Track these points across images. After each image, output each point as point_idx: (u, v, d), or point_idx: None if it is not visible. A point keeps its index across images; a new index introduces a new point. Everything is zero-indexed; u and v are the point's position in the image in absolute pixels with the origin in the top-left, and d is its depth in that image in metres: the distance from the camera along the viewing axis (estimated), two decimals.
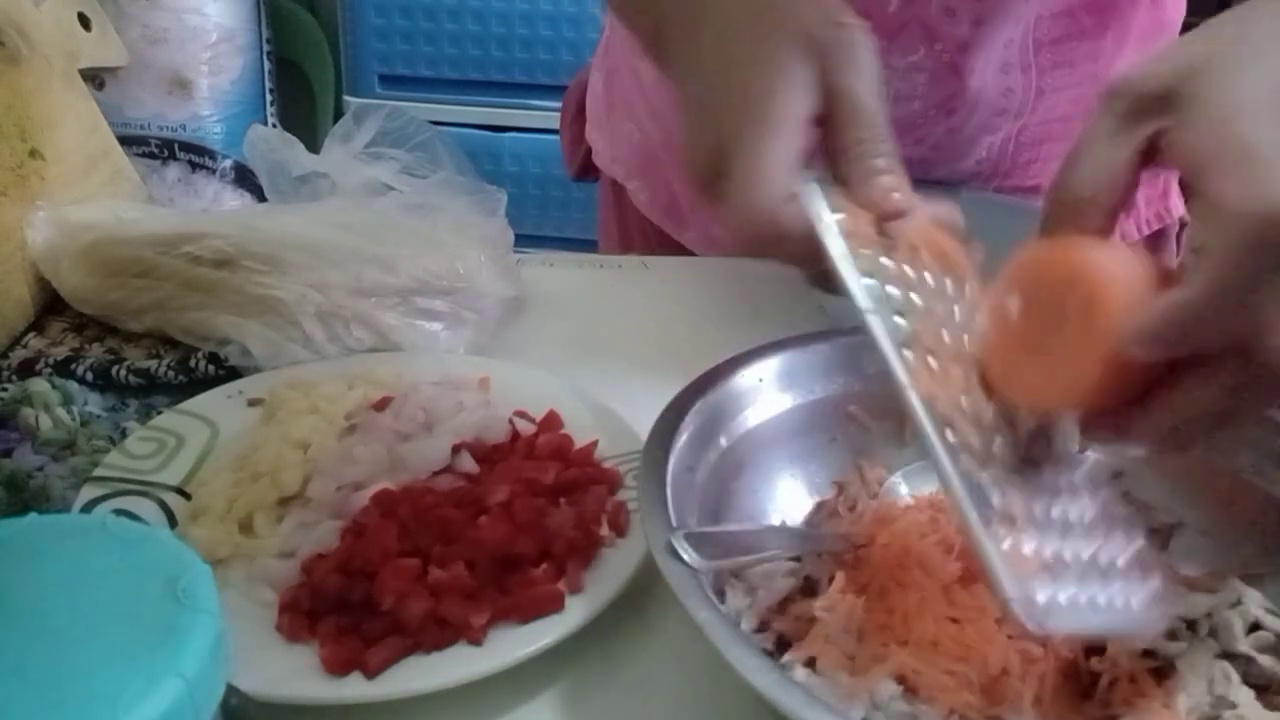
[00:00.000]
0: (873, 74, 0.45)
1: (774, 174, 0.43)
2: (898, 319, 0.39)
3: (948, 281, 0.42)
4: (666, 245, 0.89)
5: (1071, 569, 0.37)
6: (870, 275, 0.40)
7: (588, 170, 0.98)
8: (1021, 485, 0.38)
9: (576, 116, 0.97)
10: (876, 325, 0.39)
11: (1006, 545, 0.35)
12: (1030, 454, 0.39)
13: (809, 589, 0.43)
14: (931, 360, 0.38)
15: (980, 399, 0.39)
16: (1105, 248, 0.38)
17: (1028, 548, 0.36)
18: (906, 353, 0.38)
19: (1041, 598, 0.35)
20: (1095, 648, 0.40)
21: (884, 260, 0.41)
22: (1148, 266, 0.37)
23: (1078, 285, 0.36)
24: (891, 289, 0.40)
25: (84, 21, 1.12)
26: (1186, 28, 0.79)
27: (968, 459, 0.37)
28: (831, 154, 0.45)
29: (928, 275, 0.41)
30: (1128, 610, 0.37)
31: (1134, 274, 0.36)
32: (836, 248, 0.41)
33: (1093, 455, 0.41)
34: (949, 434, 0.37)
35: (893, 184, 0.43)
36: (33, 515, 0.27)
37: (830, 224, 0.41)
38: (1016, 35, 0.70)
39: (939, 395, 0.38)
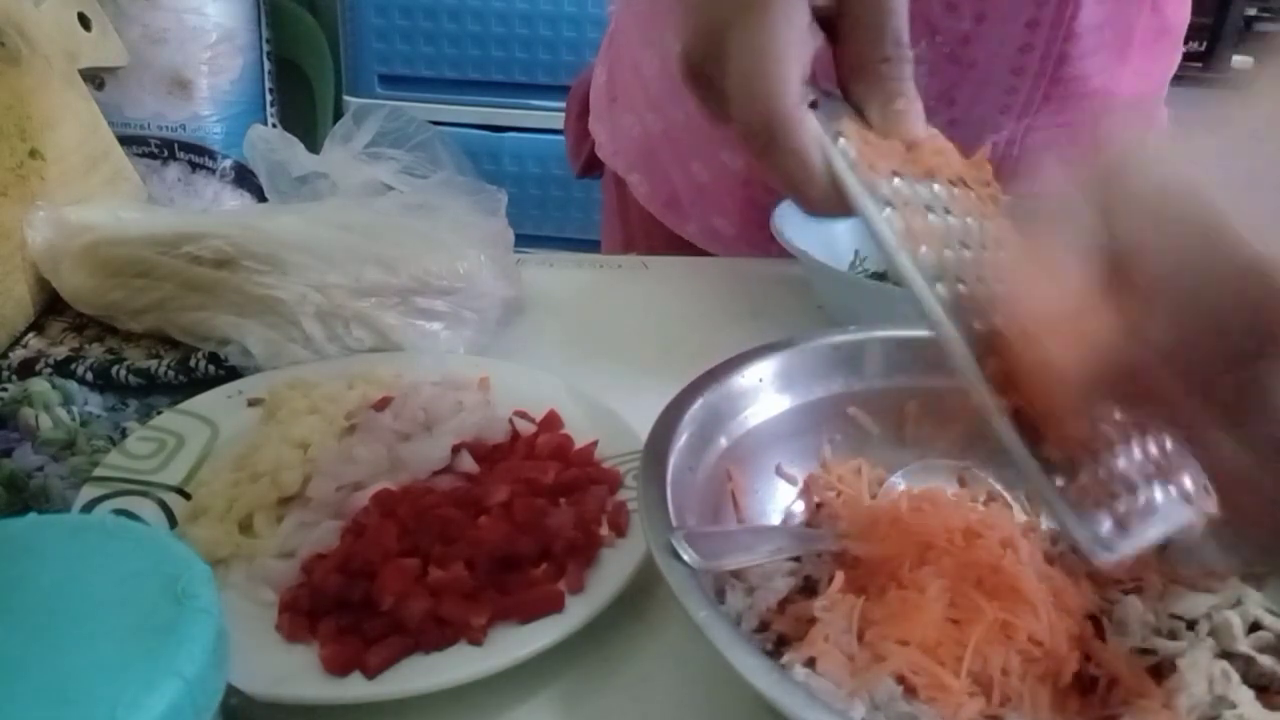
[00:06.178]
0: None
1: (775, 50, 0.38)
2: (923, 249, 0.37)
3: (967, 200, 0.40)
4: (667, 239, 0.89)
5: (1121, 475, 0.36)
6: (888, 204, 0.38)
7: (592, 167, 0.98)
8: None
9: (580, 114, 0.98)
10: (905, 262, 0.36)
11: (1063, 482, 0.34)
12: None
13: (809, 589, 0.43)
14: (961, 287, 0.36)
15: None
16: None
17: (1086, 474, 0.35)
18: (940, 287, 0.36)
19: (1105, 527, 0.34)
20: (1095, 647, 0.40)
21: (898, 182, 0.39)
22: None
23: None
24: (915, 219, 0.38)
25: (84, 21, 1.12)
26: (1193, 29, 0.80)
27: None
28: (845, 69, 0.41)
29: (937, 188, 0.40)
30: (1178, 502, 0.36)
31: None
32: (846, 166, 0.38)
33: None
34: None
35: (908, 108, 0.41)
36: (33, 515, 0.27)
37: (841, 143, 0.39)
38: (1038, 43, 0.70)
39: (983, 329, 0.35)
